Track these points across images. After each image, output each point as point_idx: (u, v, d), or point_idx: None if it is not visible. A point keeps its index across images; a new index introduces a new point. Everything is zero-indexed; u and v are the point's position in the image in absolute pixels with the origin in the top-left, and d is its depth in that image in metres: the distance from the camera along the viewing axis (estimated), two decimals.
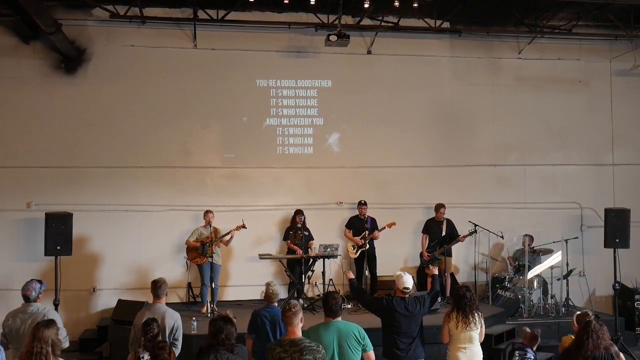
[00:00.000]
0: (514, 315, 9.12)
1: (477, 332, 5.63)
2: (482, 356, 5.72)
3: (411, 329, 5.59)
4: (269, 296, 6.02)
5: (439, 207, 9.83)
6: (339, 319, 5.03)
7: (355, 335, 4.93)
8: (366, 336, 5.01)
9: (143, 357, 5.04)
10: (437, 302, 8.83)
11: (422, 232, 9.96)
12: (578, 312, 5.97)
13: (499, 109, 10.98)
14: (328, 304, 5.03)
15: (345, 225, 9.92)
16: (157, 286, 5.67)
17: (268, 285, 6.07)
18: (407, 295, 5.67)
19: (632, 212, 9.35)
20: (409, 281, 5.68)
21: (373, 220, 9.71)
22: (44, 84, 9.65)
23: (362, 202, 9.71)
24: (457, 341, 5.62)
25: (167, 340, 5.45)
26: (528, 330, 6.31)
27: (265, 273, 9.96)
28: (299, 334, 4.45)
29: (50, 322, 4.38)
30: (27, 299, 5.38)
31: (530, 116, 11.06)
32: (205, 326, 4.91)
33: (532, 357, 5.91)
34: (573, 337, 5.56)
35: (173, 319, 5.56)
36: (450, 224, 9.84)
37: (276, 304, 6.05)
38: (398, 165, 10.53)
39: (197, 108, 10.11)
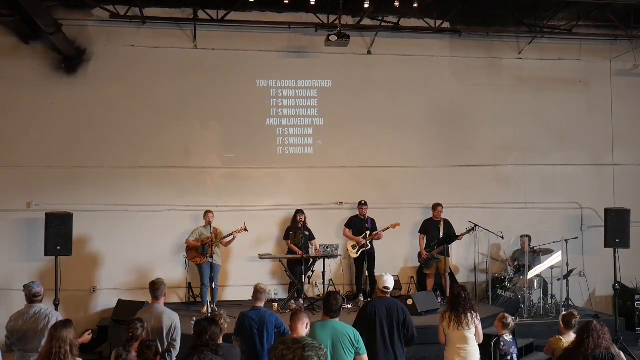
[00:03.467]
0: (514, 316, 9.11)
1: (471, 332, 5.61)
2: (479, 357, 5.70)
3: (390, 334, 5.51)
4: (258, 297, 6.00)
5: (436, 206, 9.90)
6: (337, 319, 5.03)
7: (350, 337, 4.91)
8: (361, 340, 4.98)
9: (122, 356, 5.04)
10: (438, 302, 8.87)
11: (420, 232, 9.99)
12: (564, 312, 5.96)
13: (499, 109, 10.98)
14: (328, 303, 5.04)
15: (345, 225, 9.92)
16: (155, 287, 5.67)
17: (256, 286, 6.10)
18: (387, 295, 5.69)
19: (632, 212, 9.33)
20: (389, 281, 5.70)
21: (373, 221, 9.72)
22: (44, 84, 9.65)
23: (363, 202, 9.71)
24: (452, 342, 5.62)
25: (165, 340, 5.45)
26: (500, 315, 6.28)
27: (265, 273, 9.98)
28: (303, 334, 4.48)
29: (68, 322, 4.42)
30: (36, 297, 5.35)
31: (530, 116, 11.06)
32: None
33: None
34: (561, 337, 5.56)
35: (170, 319, 5.53)
36: (447, 224, 9.87)
37: (262, 305, 6.01)
38: (398, 165, 10.53)
39: (197, 108, 10.11)
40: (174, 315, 5.61)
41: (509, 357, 5.97)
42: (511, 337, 6.07)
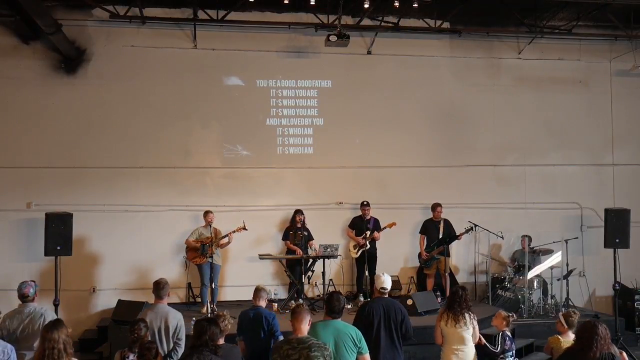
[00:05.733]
0: (514, 315, 9.11)
1: (468, 332, 5.61)
2: (475, 357, 5.71)
3: (389, 334, 5.54)
4: (258, 296, 6.07)
5: (436, 206, 9.89)
6: (339, 319, 5.04)
7: (352, 337, 4.92)
8: (363, 339, 5.00)
9: (128, 357, 5.03)
10: (438, 302, 8.86)
11: (420, 232, 9.99)
12: (562, 312, 5.98)
13: (499, 109, 10.98)
14: (330, 304, 5.04)
15: (349, 225, 9.96)
16: (159, 287, 5.66)
17: (257, 286, 6.18)
18: (385, 295, 5.70)
19: (632, 212, 9.33)
20: (386, 281, 5.71)
21: (376, 221, 9.72)
22: (44, 84, 9.66)
23: (365, 202, 9.71)
24: (449, 342, 5.63)
25: (171, 340, 5.46)
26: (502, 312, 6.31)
27: (265, 273, 9.98)
28: (305, 333, 4.48)
29: (59, 322, 4.40)
30: (24, 297, 5.36)
31: (530, 116, 11.06)
32: None
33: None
34: (559, 337, 5.57)
35: (176, 319, 5.55)
36: (447, 224, 9.86)
37: (263, 305, 6.06)
38: (398, 165, 10.53)
39: (197, 108, 10.12)
40: (179, 315, 5.63)
41: (509, 354, 5.99)
42: (511, 335, 6.11)
